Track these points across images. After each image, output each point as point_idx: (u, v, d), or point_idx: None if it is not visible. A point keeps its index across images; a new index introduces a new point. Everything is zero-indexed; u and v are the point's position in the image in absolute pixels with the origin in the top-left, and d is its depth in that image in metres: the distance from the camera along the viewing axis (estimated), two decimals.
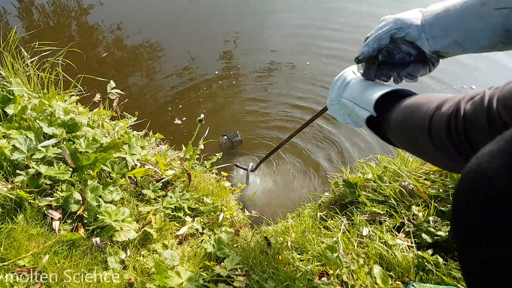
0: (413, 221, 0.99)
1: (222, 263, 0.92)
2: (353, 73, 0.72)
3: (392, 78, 0.65)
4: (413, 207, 1.02)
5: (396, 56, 0.64)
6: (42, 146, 1.04)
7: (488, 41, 0.49)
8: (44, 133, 1.13)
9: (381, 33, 0.60)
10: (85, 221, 0.97)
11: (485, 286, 0.29)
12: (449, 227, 0.91)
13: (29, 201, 0.94)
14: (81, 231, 0.95)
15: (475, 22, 0.48)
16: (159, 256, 0.94)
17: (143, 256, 0.95)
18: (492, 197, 0.26)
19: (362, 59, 0.63)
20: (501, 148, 0.26)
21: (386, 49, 0.64)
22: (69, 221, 0.97)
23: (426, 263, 0.85)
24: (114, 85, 1.46)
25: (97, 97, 1.65)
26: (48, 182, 0.99)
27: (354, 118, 0.65)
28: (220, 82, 2.43)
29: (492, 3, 0.46)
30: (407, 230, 0.97)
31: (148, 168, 1.21)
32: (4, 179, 1.00)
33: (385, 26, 0.60)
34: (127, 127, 1.47)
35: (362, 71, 0.67)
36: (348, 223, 1.06)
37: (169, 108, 2.22)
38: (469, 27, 0.49)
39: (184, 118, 2.20)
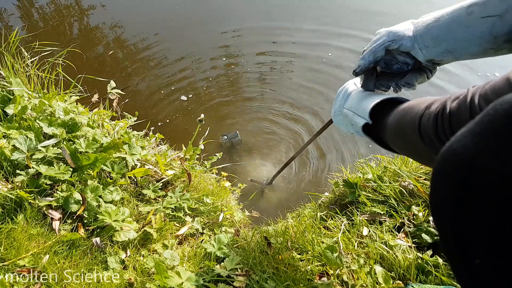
0: (413, 221, 0.99)
1: (222, 263, 0.92)
2: (354, 84, 0.74)
3: (391, 88, 0.67)
4: (413, 207, 1.01)
5: (394, 66, 0.66)
6: (42, 146, 1.04)
7: (479, 48, 0.50)
8: (44, 133, 1.13)
9: (376, 46, 0.62)
10: (85, 221, 0.97)
11: (469, 281, 0.30)
12: None
13: (29, 201, 0.94)
14: (81, 231, 0.95)
15: (463, 31, 0.50)
16: (159, 256, 0.94)
17: (143, 256, 0.95)
18: (463, 176, 0.28)
19: (359, 72, 0.66)
20: (470, 129, 0.28)
21: (384, 60, 0.66)
22: (69, 221, 0.97)
23: (425, 264, 0.85)
24: (114, 85, 1.47)
25: (95, 97, 1.65)
26: (48, 182, 0.99)
27: (354, 127, 0.67)
28: (223, 80, 2.43)
29: (478, 12, 0.48)
30: (407, 230, 0.97)
31: (148, 168, 1.21)
32: (4, 179, 1.00)
33: (379, 40, 0.62)
34: (127, 127, 1.47)
35: (361, 83, 0.70)
36: (348, 223, 1.05)
37: (167, 106, 2.22)
38: (458, 36, 0.51)
39: (190, 95, 2.25)
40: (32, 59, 1.50)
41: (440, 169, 0.31)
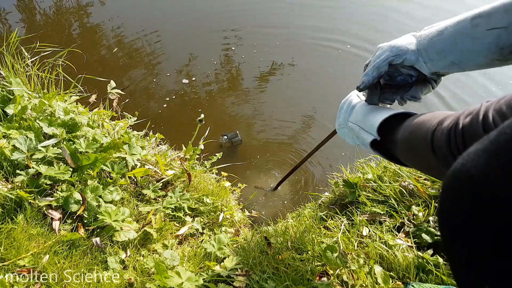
0: (413, 221, 0.99)
1: (222, 263, 0.92)
2: (358, 96, 0.74)
3: (396, 101, 0.67)
4: (413, 207, 1.01)
5: (398, 78, 0.65)
6: (42, 146, 1.04)
7: (485, 59, 0.50)
8: (44, 133, 1.13)
9: (379, 62, 0.61)
10: (85, 221, 0.97)
11: (470, 285, 0.30)
12: None
13: (29, 201, 0.94)
14: (81, 231, 0.95)
15: (469, 43, 0.50)
16: (159, 256, 0.94)
17: (143, 256, 0.95)
18: (475, 196, 0.28)
19: (363, 88, 0.65)
20: (485, 148, 0.28)
21: (387, 73, 0.65)
22: (69, 221, 0.97)
23: (426, 264, 0.85)
24: (114, 85, 1.47)
25: (93, 98, 1.66)
26: (48, 182, 0.99)
27: (361, 140, 0.67)
28: (227, 76, 2.43)
29: (483, 25, 0.48)
30: (407, 230, 0.97)
31: (148, 168, 1.21)
32: (4, 179, 1.00)
33: (382, 55, 0.61)
34: (127, 127, 1.47)
35: (365, 97, 0.69)
36: (348, 223, 1.05)
37: (165, 105, 2.22)
38: (464, 48, 0.51)
39: (194, 78, 2.29)
40: (33, 59, 1.50)
41: (451, 184, 0.31)
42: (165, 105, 2.23)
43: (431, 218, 0.96)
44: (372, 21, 2.87)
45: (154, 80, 2.41)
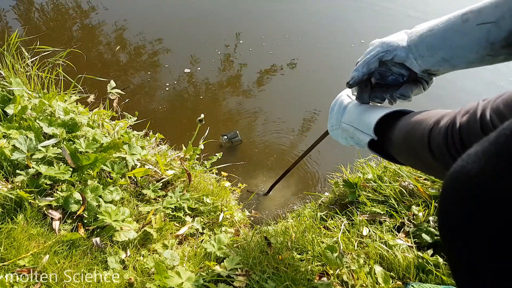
0: (413, 221, 0.99)
1: (222, 263, 0.92)
2: (348, 96, 0.73)
3: (386, 100, 0.66)
4: (413, 207, 1.01)
5: (389, 78, 0.65)
6: (42, 146, 1.04)
7: (476, 55, 0.50)
8: (44, 133, 1.13)
9: (369, 57, 0.61)
10: (85, 221, 0.97)
11: (470, 285, 0.30)
12: None
13: (29, 201, 0.94)
14: (81, 231, 0.95)
15: (460, 38, 0.50)
16: (159, 256, 0.94)
17: (143, 256, 0.95)
18: (475, 197, 0.27)
19: (353, 83, 0.64)
20: (485, 149, 0.27)
21: (379, 72, 0.65)
22: (69, 221, 0.97)
23: (426, 264, 0.85)
24: (114, 85, 1.47)
25: (91, 97, 1.66)
26: (48, 182, 0.99)
27: (356, 141, 0.66)
28: (232, 74, 2.44)
29: (473, 20, 0.48)
30: (407, 230, 0.97)
31: (148, 168, 1.21)
32: (4, 179, 1.00)
33: (372, 51, 0.61)
34: (127, 127, 1.47)
35: (355, 95, 0.68)
36: (348, 223, 1.05)
37: (161, 105, 2.22)
38: (454, 44, 0.51)
39: (199, 68, 2.34)
40: (33, 59, 1.50)
41: (451, 186, 0.31)
42: (165, 105, 2.23)
43: (431, 218, 0.96)
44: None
45: (154, 80, 2.42)
